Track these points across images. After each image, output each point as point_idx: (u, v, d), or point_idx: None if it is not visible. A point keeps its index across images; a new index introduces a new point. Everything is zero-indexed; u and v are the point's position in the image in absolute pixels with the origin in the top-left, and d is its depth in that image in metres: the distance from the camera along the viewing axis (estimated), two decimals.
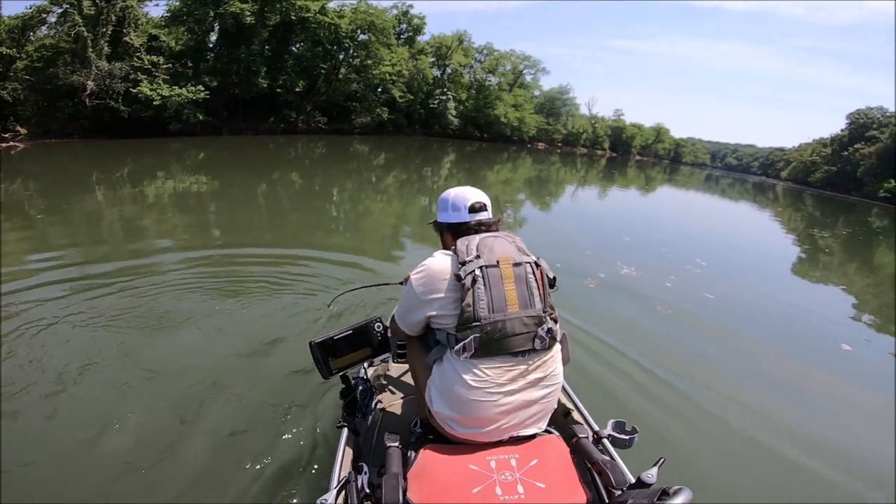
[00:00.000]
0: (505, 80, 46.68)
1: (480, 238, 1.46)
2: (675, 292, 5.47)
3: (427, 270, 1.47)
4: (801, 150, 75.25)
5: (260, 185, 10.48)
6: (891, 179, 44.54)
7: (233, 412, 2.48)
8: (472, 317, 1.34)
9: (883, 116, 53.27)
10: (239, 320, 3.48)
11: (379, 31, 27.21)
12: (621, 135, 71.41)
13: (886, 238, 17.99)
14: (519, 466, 1.27)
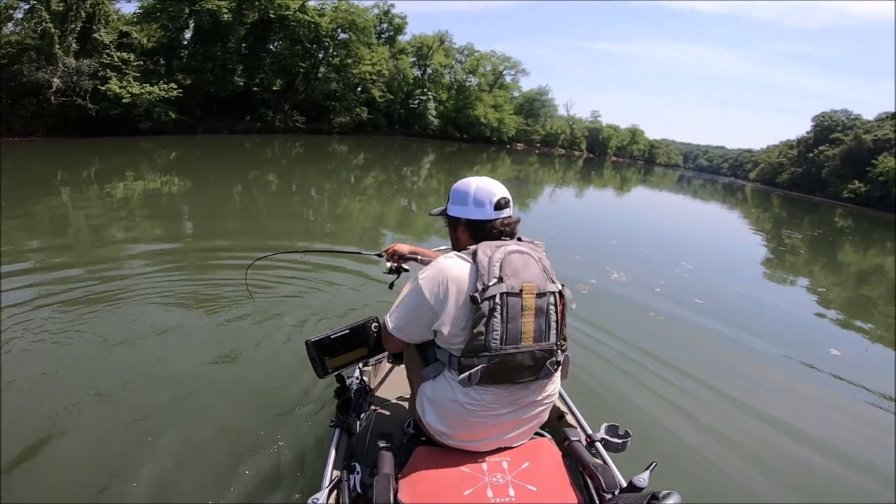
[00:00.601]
0: (485, 80, 46.74)
1: (506, 253, 1.25)
2: (665, 298, 5.46)
3: (442, 274, 1.28)
4: (768, 151, 77.46)
5: (235, 185, 10.15)
6: (854, 180, 46.18)
7: (225, 412, 2.44)
8: (481, 346, 1.21)
9: (847, 119, 55.14)
10: (220, 322, 3.40)
11: (360, 30, 26.68)
12: (598, 136, 72.38)
13: (853, 238, 18.59)
14: (511, 469, 1.26)
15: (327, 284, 4.33)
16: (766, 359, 4.26)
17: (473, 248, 1.29)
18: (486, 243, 1.29)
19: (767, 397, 3.46)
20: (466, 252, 1.31)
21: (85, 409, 2.38)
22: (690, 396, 3.24)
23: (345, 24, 25.76)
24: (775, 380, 3.84)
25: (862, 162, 44.98)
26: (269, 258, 2.67)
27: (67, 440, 2.18)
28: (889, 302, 8.24)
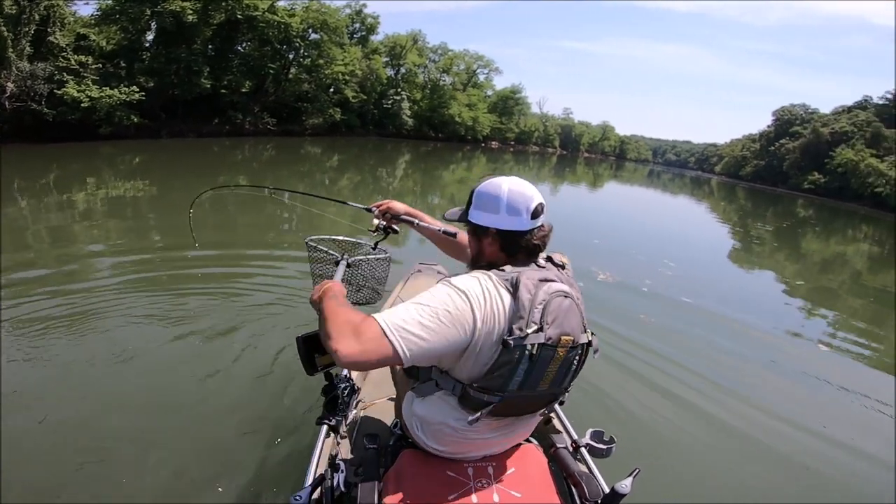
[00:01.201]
0: (459, 79, 46.64)
1: (550, 295, 1.07)
2: (653, 298, 5.43)
3: (490, 302, 1.05)
4: (732, 145, 79.75)
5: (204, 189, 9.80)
6: (813, 172, 47.91)
7: (211, 409, 2.42)
8: (497, 387, 1.08)
9: (805, 113, 57.12)
10: (200, 326, 3.38)
11: (331, 30, 25.97)
12: (571, 133, 73.32)
13: (817, 229, 19.10)
14: (496, 475, 1.23)
15: (293, 286, 4.27)
16: (755, 362, 4.20)
17: (514, 276, 1.08)
18: (528, 275, 1.09)
19: (756, 402, 3.41)
20: (501, 276, 1.09)
21: (64, 414, 2.34)
22: (679, 402, 3.21)
23: (316, 24, 25.10)
24: (764, 383, 3.79)
25: (820, 154, 46.70)
26: (236, 189, 2.55)
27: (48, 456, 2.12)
28: (866, 292, 8.56)
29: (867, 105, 48.92)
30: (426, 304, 1.02)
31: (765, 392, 3.61)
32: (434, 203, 12.42)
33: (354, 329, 0.98)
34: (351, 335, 0.97)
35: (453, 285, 1.06)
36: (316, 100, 26.32)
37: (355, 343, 0.96)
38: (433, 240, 1.67)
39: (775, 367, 4.19)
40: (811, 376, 4.08)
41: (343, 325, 1.00)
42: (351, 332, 0.98)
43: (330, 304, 1.10)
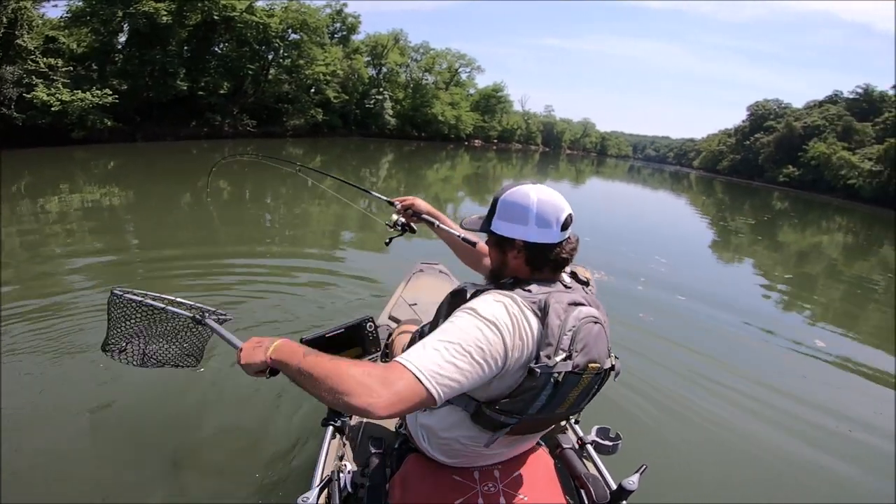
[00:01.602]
0: (441, 78, 46.48)
1: (581, 321, 1.00)
2: (650, 296, 5.39)
3: (519, 327, 0.97)
4: (709, 140, 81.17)
5: (183, 193, 9.45)
6: (788, 165, 48.98)
7: (215, 411, 2.42)
8: (517, 410, 1.02)
9: (778, 108, 58.30)
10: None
11: (312, 30, 25.51)
12: (552, 130, 73.80)
13: (793, 220, 19.33)
14: (502, 478, 1.21)
15: (315, 287, 4.33)
16: (755, 356, 4.20)
17: (541, 300, 1.00)
18: (557, 298, 1.01)
19: (760, 395, 3.40)
20: (528, 298, 1.01)
21: (68, 421, 2.30)
22: (684, 398, 3.18)
23: (295, 24, 24.57)
24: (764, 377, 3.76)
25: (794, 148, 47.76)
26: (260, 160, 2.43)
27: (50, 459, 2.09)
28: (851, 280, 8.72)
29: (837, 99, 50.18)
30: (455, 341, 0.91)
31: (767, 386, 3.61)
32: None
33: (381, 380, 0.84)
34: (380, 386, 0.83)
35: (481, 316, 0.95)
36: (297, 100, 25.91)
37: (388, 394, 0.83)
38: (451, 244, 1.62)
39: (774, 361, 4.19)
40: (814, 370, 4.10)
41: (363, 377, 0.85)
42: (378, 383, 0.84)
43: (313, 360, 0.92)
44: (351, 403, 0.83)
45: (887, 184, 34.91)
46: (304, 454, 2.10)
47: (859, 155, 39.87)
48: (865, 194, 36.60)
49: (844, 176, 39.50)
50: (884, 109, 43.35)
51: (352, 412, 0.85)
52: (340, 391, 0.84)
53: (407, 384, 0.85)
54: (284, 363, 0.97)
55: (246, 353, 1.04)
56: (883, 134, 39.60)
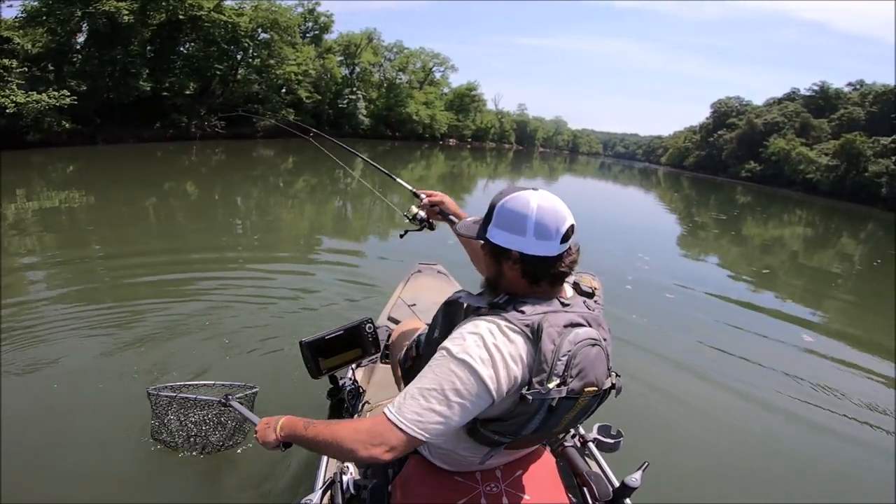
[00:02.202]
0: (415, 77, 46.17)
1: (577, 345, 0.94)
2: (640, 296, 5.38)
3: (500, 358, 0.93)
4: (675, 137, 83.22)
5: (148, 198, 9.02)
6: (750, 161, 50.66)
7: None
8: (511, 431, 0.99)
9: (740, 105, 60.10)
10: (199, 327, 3.37)
11: (283, 29, 24.64)
12: (526, 128, 74.32)
13: (762, 214, 19.80)
14: (504, 478, 1.20)
15: (315, 286, 4.35)
16: (749, 351, 4.20)
17: (535, 321, 0.94)
18: (552, 320, 0.94)
19: (757, 390, 3.43)
20: (520, 321, 0.95)
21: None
22: (684, 395, 3.21)
23: (266, 23, 23.77)
24: (760, 371, 3.79)
25: (755, 144, 49.36)
26: None
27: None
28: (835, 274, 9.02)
29: (795, 96, 52.09)
30: (431, 387, 0.92)
31: (765, 380, 3.65)
32: (395, 202, 12.18)
33: (372, 435, 0.92)
34: (377, 443, 0.91)
35: (454, 357, 0.93)
36: (267, 101, 25.19)
37: (381, 450, 0.91)
38: (469, 249, 1.51)
39: (767, 354, 4.22)
40: (809, 365, 4.16)
41: (360, 434, 0.93)
42: (369, 439, 0.92)
43: (313, 431, 1.03)
44: (358, 460, 0.94)
45: (844, 178, 36.45)
46: (307, 456, 2.07)
47: (817, 150, 41.51)
48: (823, 188, 38.12)
49: (803, 171, 41.07)
50: (839, 106, 45.27)
51: (362, 464, 1.02)
52: (345, 454, 0.95)
53: (395, 436, 0.91)
54: (292, 437, 1.08)
55: (260, 433, 1.14)
56: (839, 130, 41.35)
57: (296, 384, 2.62)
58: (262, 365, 2.96)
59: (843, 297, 7.66)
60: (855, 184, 35.20)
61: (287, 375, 2.71)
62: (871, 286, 9.05)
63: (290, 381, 2.67)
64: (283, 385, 2.66)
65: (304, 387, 2.33)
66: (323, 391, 1.86)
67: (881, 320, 6.40)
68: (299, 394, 2.54)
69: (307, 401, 2.38)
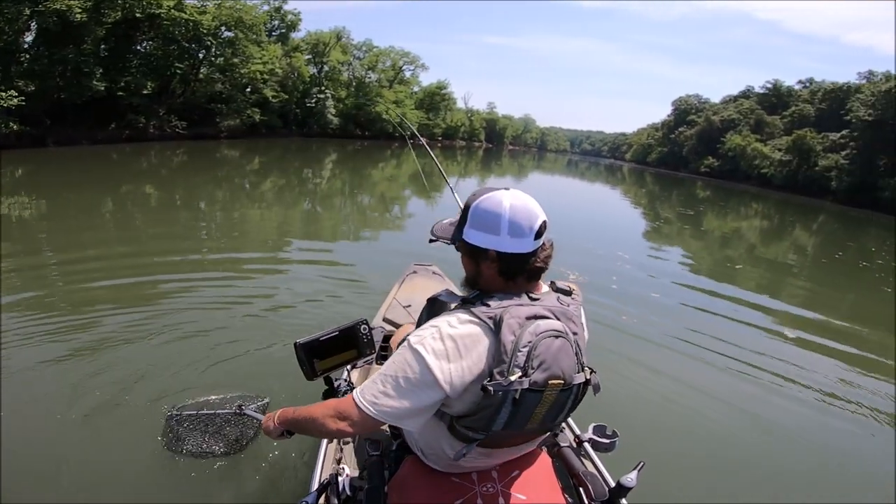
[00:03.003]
0: (385, 76, 45.74)
1: (538, 336, 0.94)
2: (626, 296, 5.35)
3: (454, 350, 0.96)
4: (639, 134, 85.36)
5: (104, 202, 8.60)
6: (708, 157, 52.45)
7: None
8: (481, 427, 1.00)
9: (699, 103, 62.03)
10: (197, 330, 3.36)
11: (248, 27, 23.95)
12: (495, 126, 74.74)
13: (724, 209, 20.43)
14: (500, 479, 1.19)
15: (308, 288, 4.32)
16: (741, 346, 4.22)
17: (497, 313, 0.96)
18: (514, 312, 0.96)
19: (753, 390, 3.45)
20: (484, 313, 0.97)
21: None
22: (679, 395, 3.23)
23: (230, 21, 22.92)
24: (757, 369, 3.79)
25: (713, 140, 51.05)
26: None
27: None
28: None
29: (750, 94, 54.11)
30: (388, 373, 1.00)
31: (762, 376, 3.68)
32: (365, 203, 12.01)
33: (339, 413, 1.03)
34: (339, 419, 1.03)
35: (410, 347, 0.99)
36: (231, 100, 24.41)
37: (345, 424, 1.02)
38: None
39: (761, 350, 4.25)
40: (804, 356, 4.23)
41: (329, 411, 1.05)
42: (335, 415, 1.03)
43: (299, 412, 1.16)
44: (328, 433, 1.07)
45: (796, 172, 38.09)
46: (303, 458, 2.09)
47: (770, 146, 43.26)
48: (777, 182, 39.75)
49: (758, 165, 42.77)
50: (790, 103, 47.28)
51: (333, 438, 1.25)
52: (318, 429, 1.08)
53: (355, 414, 1.01)
54: (286, 423, 1.20)
55: (264, 427, 1.28)
56: (790, 126, 43.18)
57: (293, 386, 2.62)
58: (261, 368, 2.94)
59: (831, 291, 7.92)
60: (806, 178, 36.81)
61: (284, 377, 2.70)
62: (847, 279, 9.35)
63: (287, 383, 2.67)
64: (281, 386, 2.67)
65: (300, 389, 2.36)
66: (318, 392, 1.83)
67: (873, 315, 6.63)
68: (298, 395, 2.55)
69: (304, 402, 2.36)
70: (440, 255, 3.46)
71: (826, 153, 35.98)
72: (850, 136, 34.16)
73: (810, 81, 49.12)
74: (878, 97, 31.01)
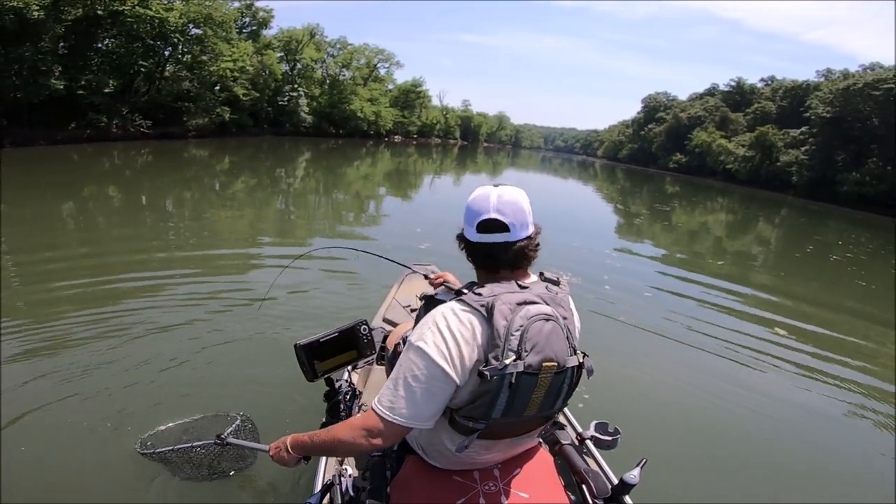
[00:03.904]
0: (360, 74, 45.10)
1: (529, 319, 0.99)
2: (622, 296, 5.30)
3: (450, 337, 0.99)
4: (610, 131, 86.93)
5: (64, 203, 8.23)
6: (676, 153, 53.77)
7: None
8: (480, 415, 1.02)
9: (667, 100, 63.37)
10: (189, 334, 3.31)
11: (217, 24, 23.15)
12: (470, 124, 74.85)
13: (692, 205, 20.88)
14: (502, 477, 1.19)
15: (308, 289, 4.30)
16: (739, 342, 4.26)
17: (488, 301, 1.00)
18: (505, 298, 1.00)
19: (752, 383, 3.46)
20: (476, 301, 1.01)
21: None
22: (680, 391, 3.26)
23: (199, 18, 22.10)
24: (754, 371, 3.78)
25: (681, 136, 52.26)
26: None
27: None
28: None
29: (715, 92, 55.57)
30: (398, 376, 1.02)
31: (763, 374, 3.70)
32: (340, 200, 11.84)
33: (367, 429, 1.02)
34: (370, 436, 1.02)
35: (411, 345, 1.02)
36: (200, 99, 23.64)
37: (378, 440, 1.02)
38: None
39: (758, 345, 4.29)
40: (804, 356, 4.24)
41: (356, 430, 1.03)
42: (367, 433, 1.02)
43: (319, 440, 1.13)
44: (362, 450, 1.05)
45: (759, 167, 39.34)
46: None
47: (734, 142, 44.56)
48: (741, 177, 40.96)
49: (723, 161, 44.02)
50: (753, 101, 48.80)
51: (367, 453, 1.16)
52: (349, 449, 1.09)
53: (379, 425, 1.01)
54: (303, 451, 1.18)
55: (276, 458, 1.23)
56: (753, 122, 44.57)
57: (291, 387, 2.60)
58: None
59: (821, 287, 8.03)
60: (769, 173, 38.05)
61: (281, 378, 2.67)
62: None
63: (285, 385, 2.63)
64: (279, 388, 2.65)
65: (299, 390, 2.40)
66: (318, 394, 1.82)
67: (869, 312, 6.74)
68: (296, 397, 2.55)
69: (303, 404, 2.41)
70: (440, 254, 3.44)
71: (787, 149, 37.24)
72: (809, 133, 35.37)
73: (772, 79, 50.80)
74: (835, 95, 32.10)
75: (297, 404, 2.52)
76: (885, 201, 27.68)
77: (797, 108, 39.84)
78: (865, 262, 11.23)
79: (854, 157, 30.92)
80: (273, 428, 2.20)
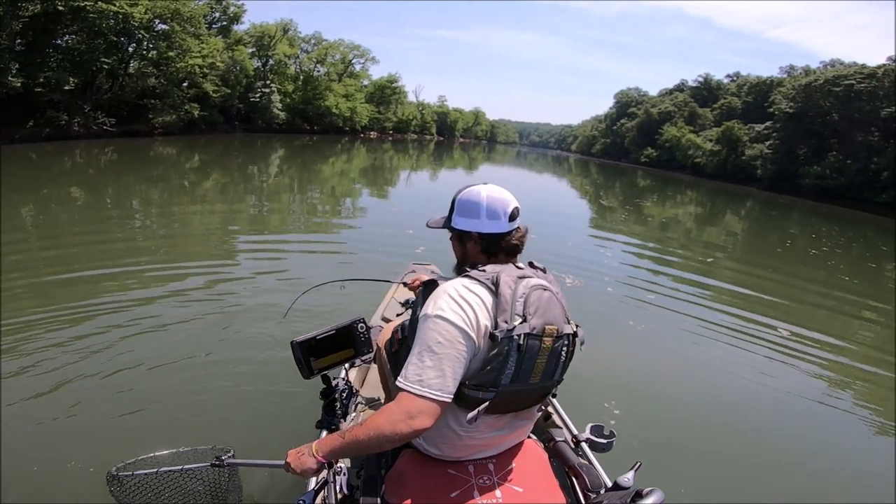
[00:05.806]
0: (334, 70, 44.47)
1: (530, 288, 1.11)
2: (625, 299, 5.24)
3: (465, 302, 1.08)
4: (583, 126, 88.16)
5: (24, 204, 7.84)
6: (647, 147, 54.91)
7: (209, 415, 2.37)
8: (490, 382, 1.08)
9: (639, 96, 64.47)
10: (186, 331, 3.32)
11: (185, 19, 22.49)
12: (446, 119, 74.75)
13: (669, 198, 21.05)
14: (497, 471, 1.20)
15: (306, 285, 4.05)
16: (737, 342, 4.24)
17: (493, 275, 1.12)
18: (508, 272, 1.13)
19: (750, 390, 3.42)
20: (482, 276, 1.13)
21: None
22: (676, 395, 3.25)
23: (165, 13, 21.29)
24: (753, 370, 3.75)
25: (652, 131, 53.38)
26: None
27: None
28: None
29: (684, 88, 57.04)
30: (420, 349, 1.06)
31: (761, 373, 3.68)
32: (315, 197, 11.64)
33: (405, 412, 1.02)
34: (410, 418, 1.01)
35: (430, 316, 1.08)
36: (166, 95, 22.81)
37: (419, 420, 1.02)
38: None
39: (755, 345, 4.28)
40: (803, 355, 4.23)
41: (395, 415, 1.02)
42: (406, 415, 1.02)
43: (352, 434, 1.08)
44: (405, 437, 1.03)
45: (725, 161, 40.57)
46: None
47: (702, 137, 45.85)
48: (708, 171, 42.12)
49: (692, 155, 45.18)
50: (720, 96, 50.21)
51: (411, 439, 1.09)
52: (392, 439, 1.03)
53: (419, 402, 1.02)
54: (332, 453, 1.12)
55: (296, 465, 1.15)
56: (720, 118, 45.82)
57: (284, 388, 2.60)
58: (258, 368, 2.89)
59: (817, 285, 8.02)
60: (735, 166, 39.22)
61: (279, 378, 2.66)
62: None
63: (282, 383, 2.62)
64: (277, 388, 2.64)
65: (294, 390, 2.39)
66: (314, 393, 1.78)
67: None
68: (291, 396, 2.54)
69: (295, 406, 2.40)
70: (439, 253, 3.43)
71: (752, 143, 38.45)
72: (773, 128, 36.53)
73: (737, 75, 52.36)
74: (797, 91, 33.21)
75: (287, 409, 2.48)
76: (844, 194, 28.88)
77: (762, 103, 41.11)
78: (842, 255, 11.56)
79: (815, 151, 32.06)
80: (268, 433, 2.23)
